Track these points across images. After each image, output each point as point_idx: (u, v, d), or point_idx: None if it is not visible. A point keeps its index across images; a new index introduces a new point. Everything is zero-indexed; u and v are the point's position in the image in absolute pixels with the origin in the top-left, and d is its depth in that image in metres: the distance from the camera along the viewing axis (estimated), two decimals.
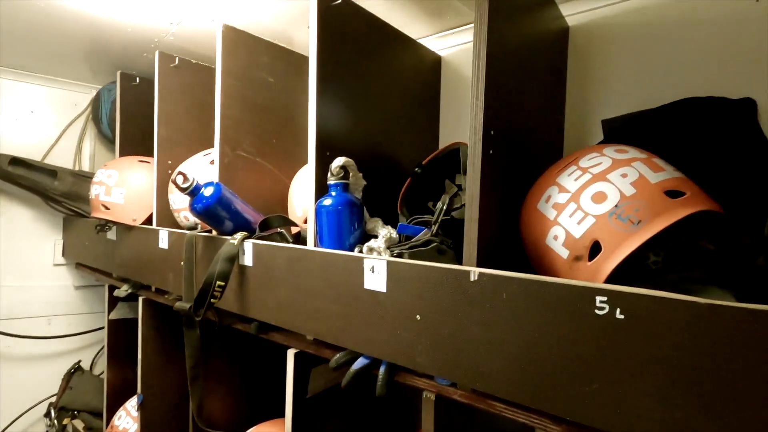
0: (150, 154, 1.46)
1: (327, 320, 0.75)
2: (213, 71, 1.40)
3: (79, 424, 1.58)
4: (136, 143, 1.56)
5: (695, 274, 0.57)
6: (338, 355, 0.75)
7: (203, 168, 1.18)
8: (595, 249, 0.56)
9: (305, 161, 1.22)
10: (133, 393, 1.53)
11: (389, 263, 0.66)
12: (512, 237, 0.71)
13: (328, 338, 0.76)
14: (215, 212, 0.96)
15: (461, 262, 0.71)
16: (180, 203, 1.18)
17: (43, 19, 1.25)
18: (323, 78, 0.85)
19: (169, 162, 1.30)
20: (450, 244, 0.75)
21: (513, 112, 0.71)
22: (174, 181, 0.92)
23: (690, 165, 0.66)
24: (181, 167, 1.22)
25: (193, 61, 1.36)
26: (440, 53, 1.24)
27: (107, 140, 1.81)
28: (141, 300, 1.30)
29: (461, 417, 0.73)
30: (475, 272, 0.57)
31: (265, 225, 0.96)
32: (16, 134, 1.70)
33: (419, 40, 1.19)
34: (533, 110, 0.83)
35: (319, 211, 0.82)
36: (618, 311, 0.46)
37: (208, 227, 1.09)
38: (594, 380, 0.48)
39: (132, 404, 1.42)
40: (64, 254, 1.79)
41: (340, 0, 0.86)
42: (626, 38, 0.95)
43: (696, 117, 0.79)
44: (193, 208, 0.95)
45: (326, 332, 0.76)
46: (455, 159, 0.97)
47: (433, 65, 1.23)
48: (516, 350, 0.54)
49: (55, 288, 1.79)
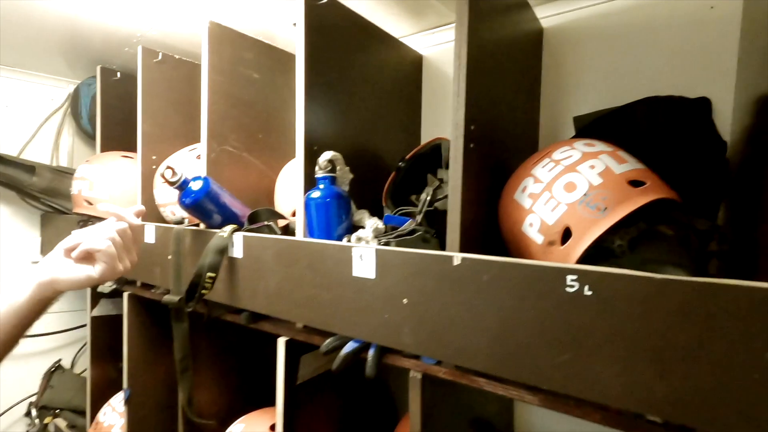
0: (132, 149, 1.46)
1: (317, 308, 0.79)
2: (196, 66, 1.42)
3: (62, 423, 1.56)
4: (117, 138, 1.55)
5: (654, 256, 0.63)
6: (328, 340, 0.78)
7: (190, 163, 1.19)
8: (567, 234, 0.61)
9: (290, 156, 1.25)
10: (117, 390, 1.52)
11: (377, 251, 0.69)
12: (490, 224, 0.76)
13: (319, 324, 0.80)
14: (203, 206, 0.97)
15: (444, 249, 0.75)
16: (166, 198, 1.19)
17: (19, 13, 1.23)
18: (310, 76, 0.88)
19: (153, 157, 1.30)
20: (433, 234, 0.80)
21: (492, 109, 0.76)
22: (162, 176, 0.93)
23: (652, 158, 0.72)
24: (168, 162, 1.22)
25: (176, 56, 1.36)
26: (421, 52, 1.28)
27: (86, 135, 1.78)
28: (126, 295, 1.30)
29: (446, 395, 0.77)
30: (458, 257, 0.61)
31: (254, 218, 0.99)
32: None
33: (401, 39, 1.22)
34: (510, 107, 0.88)
35: (308, 204, 0.85)
36: (586, 288, 0.51)
37: (196, 221, 1.10)
38: (564, 352, 0.53)
39: (117, 400, 1.42)
40: (43, 252, 1.76)
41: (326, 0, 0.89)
42: (595, 40, 1.01)
43: (657, 114, 0.85)
44: (182, 202, 0.96)
45: (316, 319, 0.80)
46: (437, 154, 1.02)
47: (415, 63, 1.27)
48: (495, 327, 0.58)
49: None
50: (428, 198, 0.76)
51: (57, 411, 1.59)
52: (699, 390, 0.45)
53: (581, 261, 0.60)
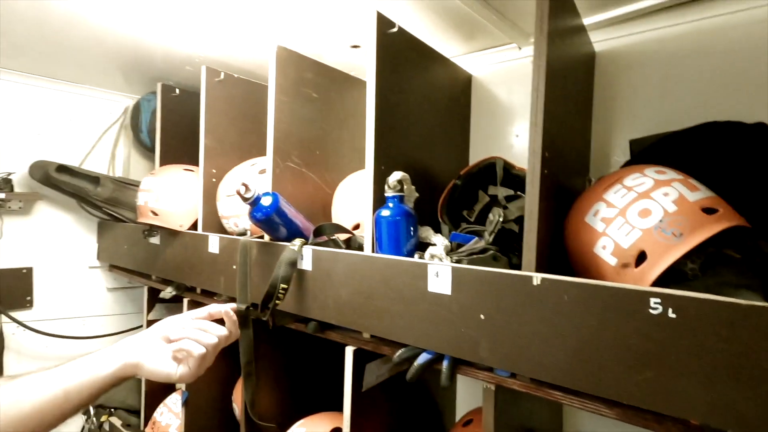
0: (189, 163, 1.54)
1: (389, 320, 0.84)
2: (252, 84, 1.50)
3: (117, 421, 1.64)
4: (174, 152, 1.63)
5: (726, 279, 0.66)
6: (401, 351, 0.83)
7: (251, 177, 1.25)
8: (641, 258, 0.65)
9: (344, 172, 1.31)
10: (169, 391, 1.60)
11: (454, 269, 0.74)
12: (556, 244, 0.80)
13: (390, 336, 0.85)
14: (272, 220, 1.04)
15: (511, 268, 0.80)
16: (229, 210, 1.26)
17: (87, 34, 1.31)
18: (380, 100, 0.93)
19: (213, 171, 1.38)
20: (501, 251, 0.84)
21: (559, 134, 0.80)
22: (238, 192, 0.99)
23: (711, 182, 0.75)
24: (231, 176, 1.29)
25: (235, 75, 1.44)
26: (471, 72, 1.33)
27: (144, 148, 1.88)
28: (186, 301, 1.37)
29: (512, 405, 0.81)
30: (538, 277, 0.66)
31: (319, 232, 1.05)
32: (56, 141, 1.76)
33: (452, 59, 1.28)
34: (571, 131, 0.92)
35: (379, 221, 0.90)
36: (670, 311, 0.55)
37: (259, 233, 1.17)
38: (647, 369, 0.57)
39: (172, 401, 1.49)
40: (99, 257, 1.86)
41: (396, 29, 0.95)
42: (649, 64, 1.05)
43: (716, 139, 0.88)
44: (253, 216, 1.03)
45: (388, 330, 0.85)
46: (486, 171, 1.06)
47: (465, 83, 1.32)
48: (575, 344, 0.63)
49: (89, 290, 1.85)
50: (500, 219, 0.81)
51: (112, 410, 1.67)
52: None
53: (654, 284, 0.64)
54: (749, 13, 0.94)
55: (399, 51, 1.00)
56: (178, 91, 1.63)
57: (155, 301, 1.59)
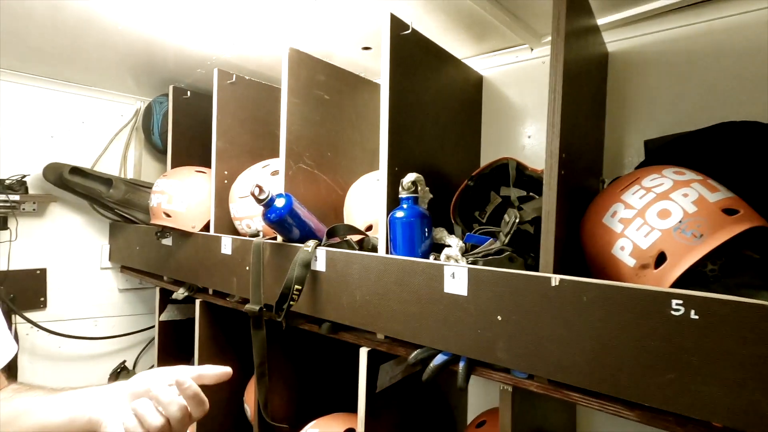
0: (200, 164, 1.55)
1: (404, 320, 0.84)
2: (264, 86, 1.50)
3: None
4: (185, 153, 1.65)
5: (747, 280, 0.66)
6: (417, 352, 0.83)
7: (264, 179, 1.26)
8: (661, 259, 0.65)
9: (355, 173, 1.31)
10: None
11: (470, 270, 0.74)
12: (572, 244, 0.80)
13: (405, 336, 0.85)
14: (286, 221, 1.04)
15: (527, 269, 0.80)
16: (242, 211, 1.27)
17: (99, 37, 1.33)
18: (393, 101, 0.94)
19: (225, 172, 1.39)
20: (516, 252, 0.84)
21: (575, 135, 0.80)
22: (252, 193, 1.00)
23: (727, 182, 0.74)
24: (243, 178, 1.30)
25: (247, 78, 1.45)
26: (482, 72, 1.33)
27: (155, 150, 1.90)
28: (198, 302, 1.38)
29: (528, 406, 0.81)
30: (556, 278, 0.66)
31: (332, 233, 1.05)
32: (69, 144, 1.78)
33: (463, 60, 1.28)
34: (586, 131, 0.92)
35: (393, 223, 0.90)
36: (693, 312, 0.55)
37: (272, 234, 1.17)
38: (669, 371, 0.57)
39: None
40: (110, 258, 1.87)
41: (410, 30, 0.95)
42: (662, 65, 1.04)
43: (733, 139, 0.88)
44: (267, 218, 1.03)
45: (403, 331, 0.85)
46: (498, 172, 1.06)
47: (476, 84, 1.32)
48: (595, 345, 0.62)
49: (101, 291, 1.87)
50: (516, 220, 0.81)
51: None
52: None
53: (674, 284, 0.63)
54: (762, 13, 0.93)
55: (412, 52, 1.00)
56: (190, 94, 1.65)
57: (167, 302, 1.61)
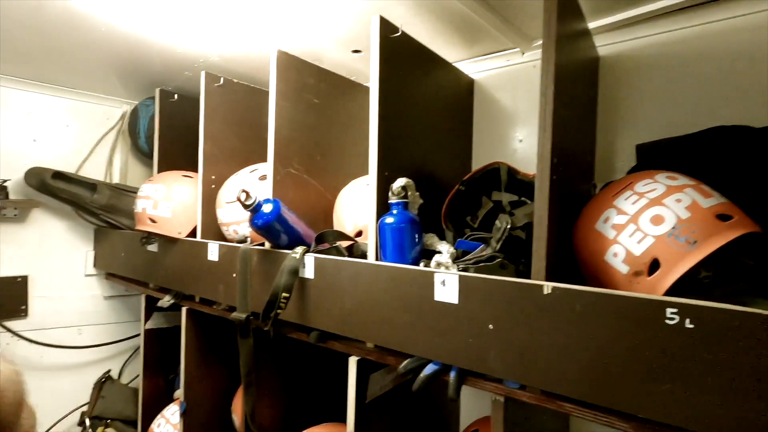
0: (187, 169, 1.52)
1: (394, 329, 0.82)
2: (253, 90, 1.48)
3: None
4: (173, 158, 1.62)
5: (741, 288, 0.65)
6: (407, 361, 0.81)
7: (252, 184, 1.24)
8: (654, 266, 0.64)
9: (345, 178, 1.29)
10: (166, 401, 1.57)
11: (461, 278, 0.72)
12: (565, 251, 0.79)
13: (395, 346, 0.82)
14: (273, 227, 1.02)
15: (518, 275, 0.78)
16: (229, 217, 1.24)
17: (89, 39, 1.30)
18: (383, 105, 0.92)
19: (213, 177, 1.36)
20: (507, 259, 0.82)
21: (567, 139, 0.79)
22: (238, 198, 0.97)
23: (719, 186, 0.74)
24: (231, 183, 1.27)
25: (235, 81, 1.42)
26: (473, 76, 1.32)
27: (142, 154, 1.86)
28: (184, 310, 1.35)
29: (520, 416, 0.79)
30: (548, 286, 0.64)
31: (321, 239, 1.03)
32: (52, 147, 1.74)
33: (454, 64, 1.27)
34: (577, 135, 0.91)
35: (383, 228, 0.88)
36: (687, 321, 0.53)
37: (260, 240, 1.15)
38: (664, 381, 0.55)
39: (170, 412, 1.46)
40: (95, 265, 1.83)
41: (399, 33, 0.94)
42: (653, 68, 1.04)
43: (724, 143, 0.87)
44: (254, 224, 1.01)
45: (393, 340, 0.83)
46: (489, 176, 1.05)
47: (467, 87, 1.31)
48: (588, 355, 0.61)
49: (86, 298, 1.82)
50: (508, 226, 0.79)
51: (108, 421, 1.64)
52: None
53: (667, 292, 0.62)
54: (753, 17, 0.93)
55: (402, 56, 0.98)
56: (177, 97, 1.62)
57: (153, 310, 1.57)
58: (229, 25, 1.20)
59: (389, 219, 0.88)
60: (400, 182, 0.89)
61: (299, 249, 0.97)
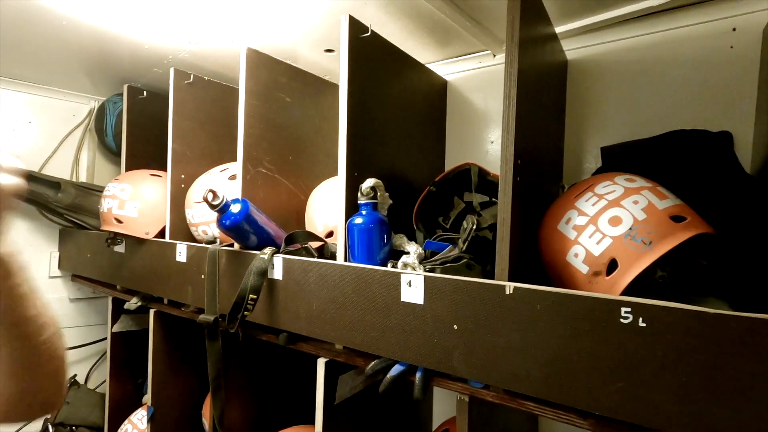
0: (157, 168, 1.48)
1: (362, 330, 0.81)
2: (224, 88, 1.45)
3: None
4: (142, 156, 1.57)
5: (695, 287, 0.67)
6: (374, 363, 0.81)
7: (221, 183, 1.21)
8: (612, 266, 0.65)
9: (318, 178, 1.28)
10: (134, 407, 1.53)
11: (426, 278, 0.73)
12: (530, 251, 0.80)
13: (363, 347, 0.82)
14: (242, 228, 1.00)
15: (485, 276, 0.79)
16: (199, 217, 1.21)
17: (48, 32, 1.25)
18: (353, 104, 0.91)
19: (182, 176, 1.33)
20: (475, 259, 0.83)
21: (533, 142, 0.80)
22: (205, 198, 0.95)
23: (678, 188, 0.76)
24: (200, 182, 1.25)
25: (206, 78, 1.39)
26: (446, 78, 1.33)
27: (109, 152, 1.80)
28: (152, 312, 1.32)
29: (486, 415, 0.80)
30: (510, 287, 0.65)
31: (291, 239, 1.01)
32: (14, 144, 1.67)
33: (427, 65, 1.27)
34: (543, 138, 0.92)
35: (351, 229, 0.88)
36: (641, 320, 0.55)
37: (229, 241, 1.13)
38: (619, 379, 0.56)
39: (138, 417, 1.42)
40: (60, 266, 1.76)
41: (369, 33, 0.94)
42: (619, 73, 1.06)
43: (683, 147, 0.90)
44: (221, 224, 0.99)
45: (361, 342, 0.82)
46: (461, 177, 1.05)
47: (440, 89, 1.32)
48: (548, 354, 0.62)
49: (51, 301, 1.75)
50: (473, 227, 0.80)
51: (74, 428, 1.59)
52: (752, 423, 0.49)
53: (625, 292, 0.64)
54: (713, 25, 0.96)
55: (372, 55, 0.98)
56: (146, 94, 1.57)
57: (120, 312, 1.52)
58: (199, 21, 1.17)
59: (358, 219, 0.87)
60: (369, 183, 0.88)
61: (268, 250, 0.96)
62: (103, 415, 1.57)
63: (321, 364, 0.90)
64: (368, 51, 0.96)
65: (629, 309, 0.55)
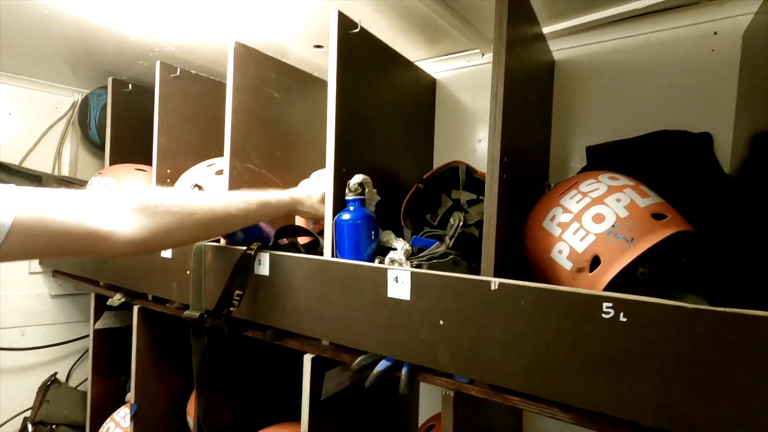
0: (141, 162, 1.46)
1: (349, 326, 0.81)
2: (211, 82, 1.44)
3: None
4: (126, 150, 1.55)
5: (674, 283, 0.68)
6: (360, 358, 0.81)
7: (208, 178, 1.20)
8: (595, 262, 0.66)
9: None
10: (117, 405, 1.50)
11: (413, 274, 0.73)
12: (516, 248, 0.81)
13: (350, 343, 0.82)
14: None
15: (471, 272, 0.79)
16: None
17: (30, 21, 1.22)
18: (341, 101, 0.91)
19: (168, 171, 1.31)
20: (461, 255, 0.84)
21: (518, 139, 0.81)
22: None
23: (659, 187, 0.78)
24: (186, 177, 1.23)
25: (193, 72, 1.38)
26: (435, 76, 1.34)
27: (93, 145, 1.77)
28: (136, 309, 1.30)
29: (471, 410, 0.81)
30: (495, 282, 0.65)
31: (279, 235, 1.01)
32: None
33: (416, 63, 1.27)
34: (530, 136, 0.94)
35: (339, 225, 0.88)
36: (621, 315, 0.56)
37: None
38: (600, 373, 0.58)
39: (120, 415, 1.40)
40: (41, 262, 1.73)
41: (358, 29, 0.93)
42: (604, 74, 1.08)
43: (665, 147, 0.92)
44: None
45: (348, 337, 0.82)
46: (449, 175, 1.06)
47: (429, 87, 1.32)
48: (531, 349, 0.63)
49: (30, 297, 1.72)
50: (460, 223, 0.80)
51: (54, 426, 1.55)
52: (726, 415, 0.50)
53: (607, 287, 0.65)
54: (695, 28, 0.98)
55: (361, 52, 0.98)
56: (132, 87, 1.55)
57: (103, 309, 1.50)
58: (186, 14, 1.16)
59: (345, 215, 0.87)
60: (357, 179, 0.88)
61: (254, 245, 0.95)
62: (85, 414, 1.54)
63: (307, 360, 0.90)
64: (357, 47, 0.96)
65: (611, 304, 0.56)
